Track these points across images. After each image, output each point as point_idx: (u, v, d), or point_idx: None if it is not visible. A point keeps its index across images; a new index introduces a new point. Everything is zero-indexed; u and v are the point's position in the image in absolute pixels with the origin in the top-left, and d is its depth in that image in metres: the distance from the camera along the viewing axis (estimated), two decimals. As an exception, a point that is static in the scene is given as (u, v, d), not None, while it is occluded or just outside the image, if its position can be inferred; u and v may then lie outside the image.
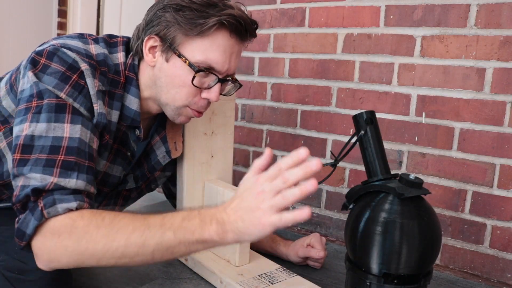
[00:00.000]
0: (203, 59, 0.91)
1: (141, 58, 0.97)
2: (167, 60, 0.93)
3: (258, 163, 0.75)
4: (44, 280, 0.87)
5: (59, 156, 0.80)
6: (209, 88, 0.94)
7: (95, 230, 0.75)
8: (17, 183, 0.79)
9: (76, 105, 0.85)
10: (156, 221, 0.76)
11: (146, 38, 0.93)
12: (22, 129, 0.81)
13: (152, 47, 0.94)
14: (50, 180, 0.78)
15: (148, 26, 0.94)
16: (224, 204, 0.76)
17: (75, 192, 0.80)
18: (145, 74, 0.97)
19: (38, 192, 0.77)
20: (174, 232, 0.74)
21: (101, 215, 0.77)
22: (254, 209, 0.71)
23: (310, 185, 0.68)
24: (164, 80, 0.94)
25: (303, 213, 0.68)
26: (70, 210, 0.77)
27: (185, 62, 0.91)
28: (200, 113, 0.99)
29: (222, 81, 0.95)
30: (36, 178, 0.78)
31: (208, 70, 0.92)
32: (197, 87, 0.93)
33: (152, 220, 0.76)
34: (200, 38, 0.90)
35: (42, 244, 0.77)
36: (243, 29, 0.92)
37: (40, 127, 0.81)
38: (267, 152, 0.75)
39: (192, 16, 0.89)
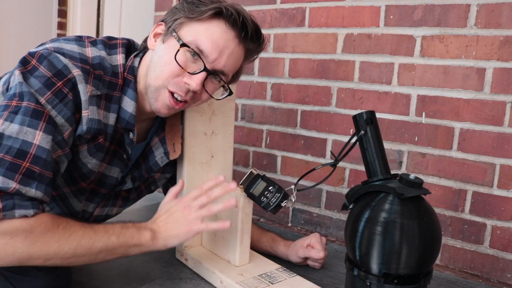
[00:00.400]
0: (193, 40, 0.92)
1: (146, 49, 1.00)
2: (163, 42, 0.95)
3: (175, 190, 1.02)
4: (43, 279, 0.87)
5: (24, 163, 0.79)
6: (193, 74, 0.92)
7: (50, 234, 0.81)
8: None
9: (54, 113, 0.84)
10: (100, 228, 0.89)
11: (155, 25, 0.98)
12: None
13: (157, 34, 0.98)
14: (12, 186, 0.77)
15: (163, 17, 0.99)
16: (153, 218, 0.98)
17: (33, 199, 0.80)
18: (144, 63, 0.98)
19: None
20: (117, 237, 0.89)
21: (56, 222, 0.83)
22: (181, 220, 0.95)
23: (232, 200, 0.94)
24: (154, 60, 0.95)
25: (225, 225, 0.96)
26: (25, 216, 0.78)
27: (175, 38, 0.92)
28: (177, 103, 0.95)
29: (209, 72, 0.93)
30: None
31: (195, 52, 0.91)
32: (180, 65, 0.91)
33: (97, 228, 0.88)
34: (197, 22, 0.93)
35: None
36: (240, 23, 0.92)
37: (12, 128, 0.80)
38: (180, 182, 1.03)
39: (198, 4, 0.93)
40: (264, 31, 1.62)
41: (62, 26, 2.58)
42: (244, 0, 1.67)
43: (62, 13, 2.58)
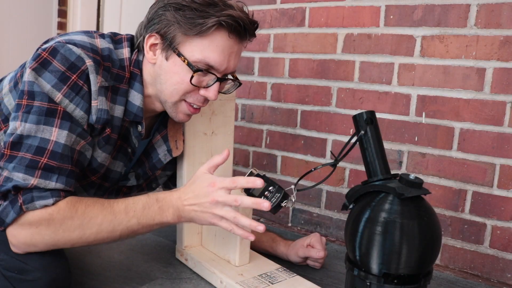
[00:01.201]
0: (201, 58, 0.91)
1: (144, 54, 0.99)
2: (166, 58, 0.94)
3: (216, 160, 0.94)
4: (43, 279, 0.87)
5: (43, 159, 0.84)
6: (207, 87, 0.95)
7: (70, 221, 0.85)
8: (2, 173, 0.84)
9: (72, 106, 0.87)
10: (121, 208, 0.89)
11: (147, 36, 0.95)
12: (14, 127, 0.85)
13: (153, 45, 0.95)
14: (31, 181, 0.83)
15: (149, 24, 0.95)
16: (179, 192, 0.93)
17: (52, 189, 0.85)
18: (147, 71, 0.98)
19: (18, 188, 0.84)
20: (138, 219, 0.90)
21: (75, 206, 0.86)
22: (206, 210, 0.90)
23: (260, 227, 0.89)
24: (163, 77, 0.95)
25: (249, 237, 0.93)
26: (46, 205, 0.84)
27: (184, 61, 0.91)
28: (196, 109, 0.98)
29: (221, 80, 0.96)
30: (18, 177, 0.83)
31: (206, 69, 0.93)
32: (196, 86, 0.93)
33: (117, 208, 0.89)
34: (199, 38, 0.91)
35: (18, 233, 0.85)
36: (242, 29, 0.93)
37: (29, 127, 0.84)
38: (226, 152, 0.94)
39: (192, 15, 0.90)
40: (264, 31, 1.64)
41: (62, 26, 2.58)
42: (244, 0, 1.66)
43: (62, 13, 2.57)
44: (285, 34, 1.60)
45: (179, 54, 0.92)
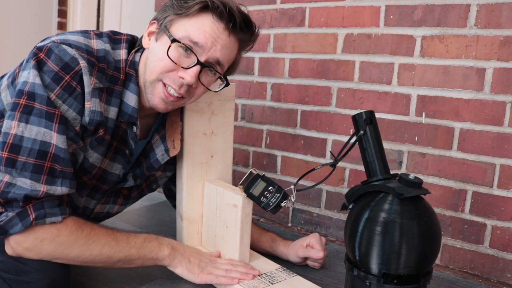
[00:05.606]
0: (185, 35, 0.92)
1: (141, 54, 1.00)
2: (157, 40, 0.96)
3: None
4: (42, 281, 0.87)
5: (46, 163, 0.84)
6: (187, 68, 0.93)
7: (74, 239, 0.89)
8: (1, 177, 0.83)
9: (65, 107, 0.86)
10: (123, 238, 0.95)
11: (149, 24, 0.99)
12: (10, 126, 0.83)
13: (151, 33, 0.98)
14: (41, 189, 0.83)
15: (155, 16, 1.00)
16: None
17: (60, 203, 0.88)
18: (142, 63, 0.99)
19: (29, 199, 0.83)
20: (137, 250, 0.96)
21: (81, 228, 0.90)
22: (202, 263, 1.04)
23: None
24: (150, 57, 0.96)
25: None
26: (54, 222, 0.87)
27: (168, 36, 0.93)
28: (170, 95, 0.94)
29: (202, 65, 0.93)
30: (25, 183, 0.82)
31: (187, 47, 0.92)
32: (173, 60, 0.92)
33: (119, 237, 0.95)
34: (186, 18, 0.93)
35: (21, 242, 0.85)
36: (227, 14, 0.92)
37: (29, 129, 0.83)
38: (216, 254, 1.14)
39: (186, 0, 0.93)
40: (264, 31, 1.63)
41: (62, 26, 2.58)
42: (244, 0, 1.67)
43: (62, 13, 2.58)
44: (285, 34, 1.60)
45: (166, 30, 0.94)
